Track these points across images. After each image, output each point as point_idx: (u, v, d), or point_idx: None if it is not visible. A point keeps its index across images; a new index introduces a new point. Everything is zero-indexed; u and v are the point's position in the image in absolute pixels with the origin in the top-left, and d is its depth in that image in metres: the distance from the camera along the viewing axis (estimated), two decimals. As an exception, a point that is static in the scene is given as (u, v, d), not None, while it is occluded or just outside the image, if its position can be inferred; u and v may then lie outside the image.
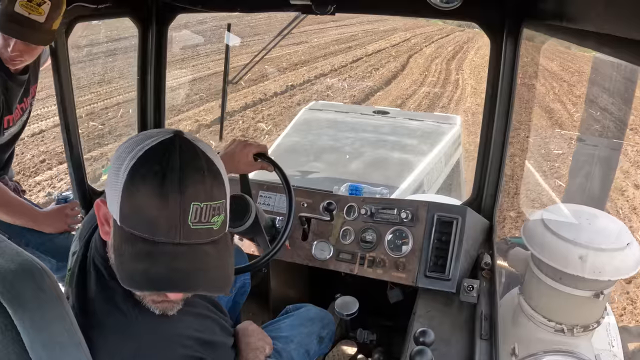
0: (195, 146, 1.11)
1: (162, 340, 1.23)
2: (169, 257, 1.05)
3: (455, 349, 1.91)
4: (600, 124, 5.61)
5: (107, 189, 1.11)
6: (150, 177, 1.04)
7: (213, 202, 1.07)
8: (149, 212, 1.04)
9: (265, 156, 2.05)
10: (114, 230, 1.09)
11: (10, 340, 0.93)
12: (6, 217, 2.22)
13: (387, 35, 24.80)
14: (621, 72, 3.86)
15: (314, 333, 2.05)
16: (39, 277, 0.95)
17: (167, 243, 1.05)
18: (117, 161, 1.09)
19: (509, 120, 2.33)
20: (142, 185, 1.04)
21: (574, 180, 4.18)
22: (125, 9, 2.66)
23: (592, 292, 2.09)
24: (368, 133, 5.24)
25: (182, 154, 1.07)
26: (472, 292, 2.07)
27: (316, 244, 2.43)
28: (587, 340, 2.24)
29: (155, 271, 1.04)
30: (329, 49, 20.02)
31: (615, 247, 2.05)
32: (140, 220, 1.05)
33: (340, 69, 16.83)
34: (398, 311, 2.49)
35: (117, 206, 1.06)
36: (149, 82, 2.88)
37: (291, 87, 13.93)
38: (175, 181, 1.04)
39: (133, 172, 1.05)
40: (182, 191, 1.04)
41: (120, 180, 1.06)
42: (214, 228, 1.09)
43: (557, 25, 1.54)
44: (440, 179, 4.79)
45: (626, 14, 0.94)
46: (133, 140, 1.12)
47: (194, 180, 1.05)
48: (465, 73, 17.76)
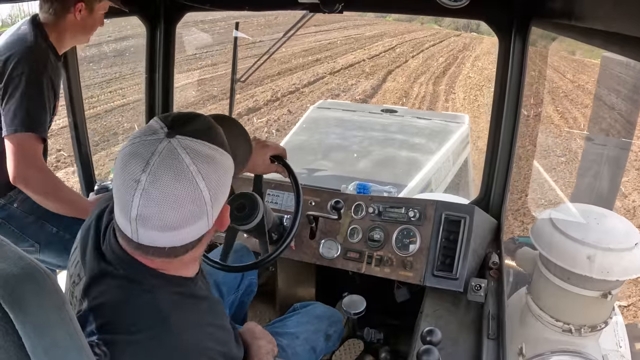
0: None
1: (189, 348, 1.20)
2: None
3: (462, 349, 1.91)
4: (608, 123, 5.58)
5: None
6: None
7: None
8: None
9: (283, 160, 2.04)
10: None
11: (11, 344, 0.92)
12: (55, 205, 2.22)
13: (371, 42, 22.05)
14: (630, 70, 3.84)
15: (321, 330, 2.05)
16: (41, 281, 0.94)
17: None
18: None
19: (517, 119, 2.32)
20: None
21: (583, 179, 4.16)
22: (133, 8, 2.67)
23: (600, 292, 2.08)
24: (376, 132, 5.25)
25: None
26: (479, 292, 2.07)
27: (324, 242, 2.43)
28: (594, 341, 2.23)
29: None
30: (289, 64, 16.26)
31: (624, 247, 2.04)
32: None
33: (277, 101, 12.34)
34: (405, 310, 2.49)
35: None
36: (157, 81, 2.90)
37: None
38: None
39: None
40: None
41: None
42: None
43: (565, 24, 1.53)
44: (448, 177, 4.78)
45: (634, 12, 0.93)
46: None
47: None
48: (458, 96, 14.16)
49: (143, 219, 1.05)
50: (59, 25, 2.23)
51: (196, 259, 1.26)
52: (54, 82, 2.19)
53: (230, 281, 2.21)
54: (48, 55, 2.18)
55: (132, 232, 1.08)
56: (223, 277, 2.17)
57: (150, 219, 1.05)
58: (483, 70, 16.61)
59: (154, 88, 2.92)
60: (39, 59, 2.14)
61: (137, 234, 1.08)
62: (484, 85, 14.73)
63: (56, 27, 2.23)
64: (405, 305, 2.54)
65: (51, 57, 2.20)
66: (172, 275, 1.20)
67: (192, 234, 1.10)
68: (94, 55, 13.86)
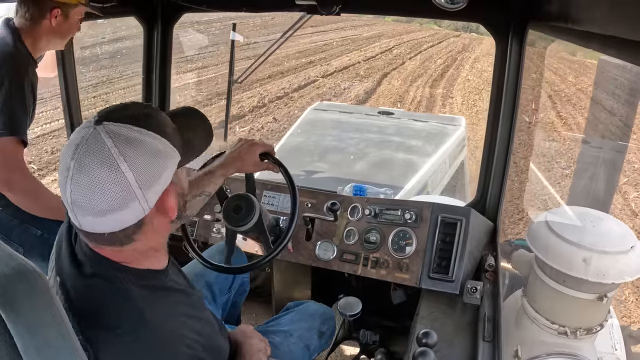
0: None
1: (167, 337, 1.21)
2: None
3: (458, 351, 1.91)
4: (604, 126, 5.58)
5: None
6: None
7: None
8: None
9: (272, 156, 2.04)
10: None
11: (3, 344, 0.92)
12: (37, 207, 2.24)
13: (368, 44, 21.22)
14: (626, 74, 3.85)
15: (314, 328, 2.06)
16: (32, 280, 0.94)
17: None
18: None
19: (514, 122, 2.33)
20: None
21: (579, 182, 4.17)
22: (131, 8, 2.67)
23: (596, 295, 2.08)
24: (373, 134, 5.25)
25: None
26: (475, 294, 2.07)
27: (320, 244, 2.43)
28: (590, 343, 2.23)
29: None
30: (281, 66, 15.26)
31: (620, 250, 2.04)
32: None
33: (264, 107, 11.66)
34: (401, 312, 2.49)
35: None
36: (154, 81, 2.90)
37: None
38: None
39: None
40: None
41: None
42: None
43: (562, 27, 1.54)
44: (444, 180, 4.79)
45: (631, 15, 0.94)
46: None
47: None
48: (456, 100, 13.56)
49: (77, 205, 1.08)
50: (34, 30, 2.21)
51: (156, 249, 1.27)
52: (34, 86, 2.19)
53: (222, 281, 2.21)
54: (28, 60, 2.18)
55: (74, 219, 1.11)
56: (215, 278, 2.17)
57: (81, 205, 1.07)
58: (482, 72, 16.08)
59: (150, 88, 2.92)
60: (20, 64, 2.13)
61: (78, 221, 1.10)
62: (483, 88, 14.20)
63: (31, 32, 2.21)
64: (401, 307, 2.54)
65: (30, 61, 2.20)
66: (138, 268, 1.21)
67: (126, 218, 1.11)
68: (82, 58, 13.61)
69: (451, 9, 1.94)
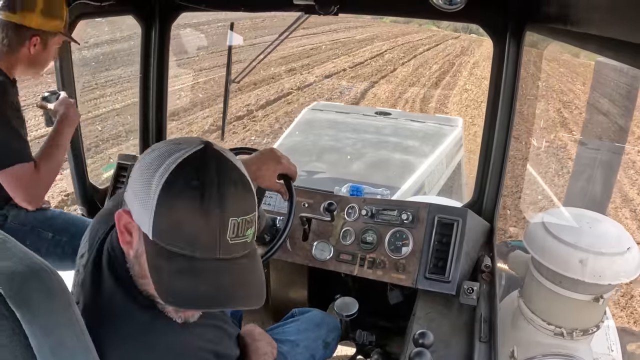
0: (227, 158, 1.09)
1: (178, 351, 1.21)
2: (214, 274, 1.04)
3: (454, 351, 1.91)
4: (602, 127, 5.58)
5: (133, 201, 1.07)
6: (189, 192, 1.01)
7: (247, 216, 1.06)
8: (188, 228, 1.01)
9: (289, 182, 1.99)
10: (146, 245, 1.07)
11: (17, 344, 0.92)
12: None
13: (359, 47, 20.09)
14: (623, 76, 3.86)
15: (320, 338, 2.05)
16: (47, 280, 0.94)
17: (208, 259, 1.03)
18: (145, 172, 1.06)
19: (511, 123, 2.33)
20: (180, 200, 1.01)
21: (576, 183, 4.18)
22: (128, 7, 2.66)
23: (592, 296, 2.08)
24: (370, 134, 5.26)
25: (218, 166, 1.06)
26: (471, 295, 2.07)
27: (316, 244, 2.43)
28: (586, 344, 2.23)
29: (201, 288, 1.03)
30: (257, 76, 13.25)
31: (616, 252, 2.04)
32: (179, 236, 1.02)
33: (214, 132, 9.45)
34: (397, 313, 2.49)
35: (150, 220, 1.03)
36: (152, 80, 2.89)
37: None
38: (215, 196, 1.02)
39: (168, 185, 1.02)
40: (222, 206, 1.02)
41: (153, 194, 1.02)
42: (247, 241, 1.08)
43: (561, 29, 1.54)
44: (441, 180, 4.80)
45: (629, 17, 0.94)
46: (160, 151, 1.08)
47: (231, 194, 1.04)
48: (452, 115, 11.26)
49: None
50: (10, 57, 2.14)
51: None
52: (18, 105, 2.16)
53: None
54: (6, 88, 2.12)
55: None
56: None
57: None
58: (482, 80, 14.76)
59: (148, 87, 2.91)
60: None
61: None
62: (483, 101, 11.88)
63: (7, 58, 2.14)
64: (397, 307, 2.54)
65: (8, 87, 2.14)
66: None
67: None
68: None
69: (449, 9, 1.94)
